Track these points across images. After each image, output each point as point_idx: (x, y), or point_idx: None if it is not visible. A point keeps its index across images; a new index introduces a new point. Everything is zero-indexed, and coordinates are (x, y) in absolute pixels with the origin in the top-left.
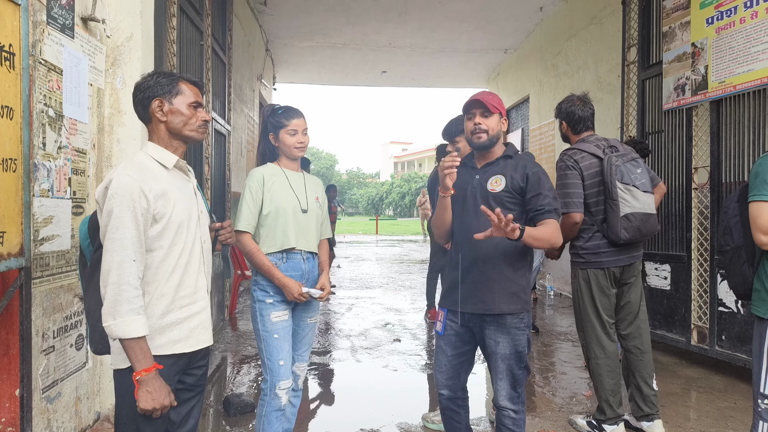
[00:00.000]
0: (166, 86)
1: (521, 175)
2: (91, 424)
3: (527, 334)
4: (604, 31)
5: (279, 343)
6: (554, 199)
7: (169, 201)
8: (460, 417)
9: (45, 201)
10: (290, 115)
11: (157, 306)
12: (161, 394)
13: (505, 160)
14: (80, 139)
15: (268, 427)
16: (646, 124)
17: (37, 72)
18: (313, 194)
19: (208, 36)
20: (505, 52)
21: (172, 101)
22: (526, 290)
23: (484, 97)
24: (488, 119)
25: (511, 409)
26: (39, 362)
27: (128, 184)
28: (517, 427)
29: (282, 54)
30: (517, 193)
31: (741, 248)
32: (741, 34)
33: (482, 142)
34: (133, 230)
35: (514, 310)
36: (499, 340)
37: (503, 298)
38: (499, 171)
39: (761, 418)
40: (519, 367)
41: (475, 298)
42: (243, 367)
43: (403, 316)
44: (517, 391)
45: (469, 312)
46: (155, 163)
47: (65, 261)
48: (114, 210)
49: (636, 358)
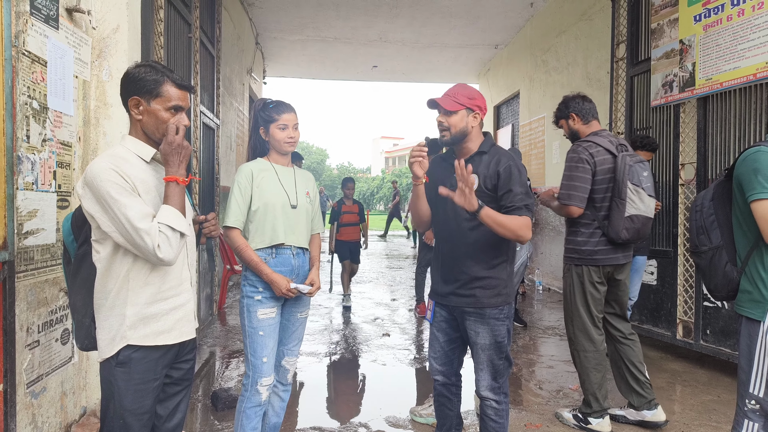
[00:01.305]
0: (150, 84)
1: (493, 171)
2: (77, 419)
3: (507, 326)
4: (593, 27)
5: (263, 340)
6: (526, 195)
7: (150, 189)
8: (453, 405)
9: (29, 194)
10: (281, 110)
11: (141, 295)
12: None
13: (480, 156)
14: (65, 131)
15: (246, 422)
16: (634, 121)
17: (21, 63)
18: (303, 189)
19: (197, 28)
20: (496, 48)
21: (151, 102)
22: (506, 284)
23: (442, 97)
24: (451, 117)
25: (493, 399)
26: (23, 357)
27: (100, 166)
28: (499, 417)
29: (272, 47)
30: (491, 191)
31: (721, 248)
32: (728, 32)
33: (445, 141)
34: (120, 189)
35: (494, 304)
36: (479, 331)
37: (483, 292)
38: (474, 168)
39: (746, 417)
40: (499, 357)
41: (457, 294)
42: (231, 362)
43: (393, 310)
44: (498, 382)
45: (452, 305)
46: (133, 155)
47: (50, 255)
48: (100, 189)
49: (627, 346)
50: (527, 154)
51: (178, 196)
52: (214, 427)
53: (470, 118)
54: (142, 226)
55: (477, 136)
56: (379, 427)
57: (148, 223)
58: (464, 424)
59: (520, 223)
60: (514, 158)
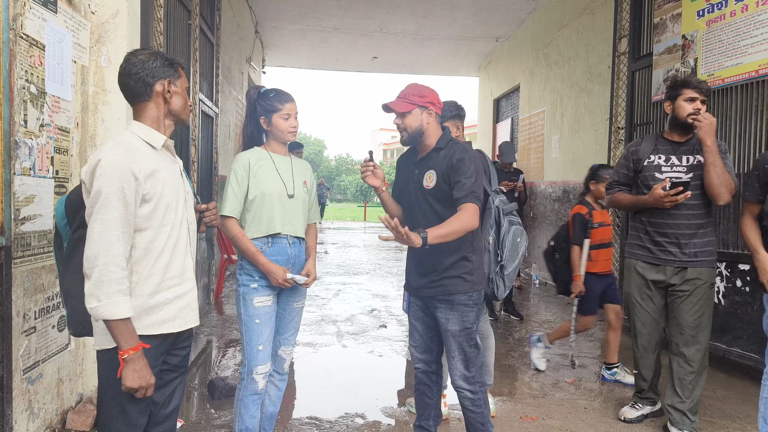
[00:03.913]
0: (170, 69)
1: (447, 166)
2: (73, 405)
3: (476, 312)
4: (595, 21)
5: (260, 328)
6: (473, 182)
7: (159, 181)
8: (433, 393)
9: (26, 180)
10: (283, 99)
11: (145, 286)
12: (147, 373)
13: (437, 152)
14: (63, 117)
15: (244, 410)
16: (634, 116)
17: (18, 47)
18: (300, 179)
19: (196, 15)
20: (497, 41)
21: (176, 83)
22: (473, 271)
23: (395, 100)
24: (405, 118)
25: (467, 389)
26: (20, 343)
27: (117, 164)
28: (476, 407)
29: (272, 36)
30: (449, 186)
31: None
32: (731, 28)
33: (404, 140)
34: (122, 210)
35: (462, 290)
36: (449, 318)
37: (450, 281)
38: (432, 165)
39: None
40: (469, 344)
41: (428, 285)
42: (228, 351)
43: (389, 302)
44: (471, 372)
45: (424, 296)
46: (143, 142)
47: (47, 241)
48: (102, 190)
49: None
50: (526, 148)
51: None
52: (211, 415)
53: (424, 115)
54: (110, 263)
55: (434, 132)
56: (375, 418)
57: (116, 269)
58: (460, 416)
59: (466, 218)
60: (468, 150)
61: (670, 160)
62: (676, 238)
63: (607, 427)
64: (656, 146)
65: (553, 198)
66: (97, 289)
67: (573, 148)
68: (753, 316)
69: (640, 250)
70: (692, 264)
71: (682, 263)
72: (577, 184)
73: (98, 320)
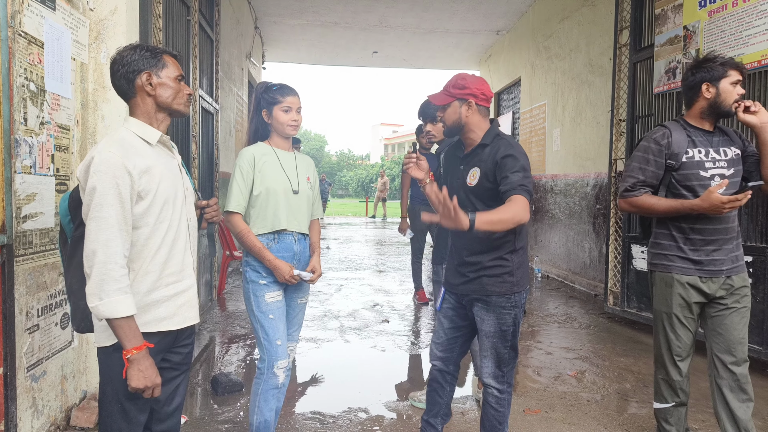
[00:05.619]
0: (152, 59)
1: (492, 164)
2: (77, 402)
3: (514, 315)
4: (597, 13)
5: (275, 323)
6: (522, 176)
7: (154, 177)
8: (444, 393)
9: (27, 178)
10: (285, 92)
11: (142, 283)
12: (152, 373)
13: (482, 148)
14: (63, 114)
15: (264, 404)
16: (636, 108)
17: (17, 44)
18: (305, 174)
19: (196, 11)
20: (498, 34)
21: (160, 74)
22: (513, 272)
23: (437, 93)
24: (445, 111)
25: (495, 387)
26: (23, 341)
27: (111, 161)
28: (500, 406)
29: (271, 32)
30: (492, 184)
31: None
32: (733, 18)
33: (444, 133)
34: (118, 207)
35: (499, 292)
36: (484, 318)
37: (489, 280)
38: (477, 162)
39: None
40: (504, 346)
41: (466, 282)
42: (231, 347)
43: (392, 297)
44: (502, 371)
45: (461, 294)
46: (138, 139)
47: (49, 239)
48: (97, 187)
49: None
50: (528, 141)
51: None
52: (214, 411)
53: (463, 108)
54: (109, 261)
55: (477, 126)
56: (378, 412)
57: (115, 267)
58: (462, 410)
59: (516, 208)
60: (514, 146)
61: (710, 153)
62: (720, 245)
63: (609, 420)
64: (690, 137)
65: (555, 191)
66: (98, 287)
67: (574, 141)
68: (756, 308)
69: (682, 263)
70: (736, 271)
71: (728, 271)
72: (578, 177)
73: (101, 319)
